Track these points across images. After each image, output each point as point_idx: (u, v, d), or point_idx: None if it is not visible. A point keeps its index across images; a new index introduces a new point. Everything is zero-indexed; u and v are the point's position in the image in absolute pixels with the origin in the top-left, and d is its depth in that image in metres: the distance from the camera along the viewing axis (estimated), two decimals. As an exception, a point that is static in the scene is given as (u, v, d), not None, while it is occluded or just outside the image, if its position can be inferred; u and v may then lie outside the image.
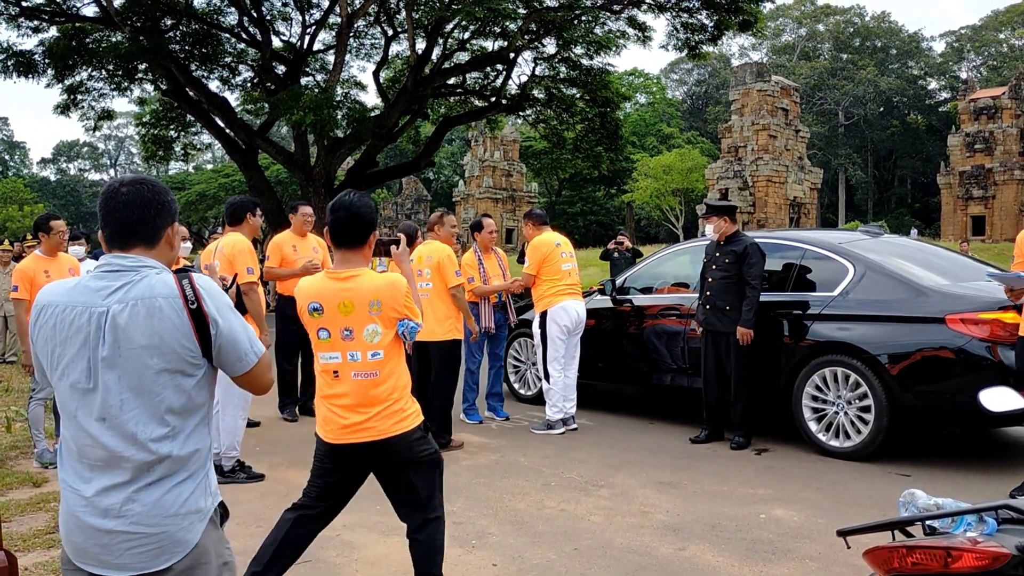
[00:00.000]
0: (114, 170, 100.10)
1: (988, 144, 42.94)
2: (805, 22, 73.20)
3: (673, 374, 7.55)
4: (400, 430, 3.35)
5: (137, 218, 2.14)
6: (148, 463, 2.07)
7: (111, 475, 2.07)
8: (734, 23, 21.02)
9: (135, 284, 2.08)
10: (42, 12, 21.58)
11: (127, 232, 2.14)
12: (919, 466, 6.07)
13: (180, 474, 2.11)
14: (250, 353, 2.19)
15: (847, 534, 2.28)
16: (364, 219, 3.35)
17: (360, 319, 3.28)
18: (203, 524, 2.13)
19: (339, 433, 3.35)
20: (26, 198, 59.91)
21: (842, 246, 6.80)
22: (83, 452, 2.10)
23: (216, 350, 2.14)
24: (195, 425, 2.14)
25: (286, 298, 7.93)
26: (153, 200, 2.16)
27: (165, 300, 2.07)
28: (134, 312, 2.05)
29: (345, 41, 22.48)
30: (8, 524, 4.98)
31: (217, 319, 2.12)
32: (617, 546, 4.56)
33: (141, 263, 2.13)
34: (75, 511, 2.10)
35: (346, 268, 3.33)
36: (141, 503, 2.06)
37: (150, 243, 2.17)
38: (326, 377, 3.39)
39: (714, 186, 39.24)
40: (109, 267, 2.12)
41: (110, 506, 2.06)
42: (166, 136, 26.25)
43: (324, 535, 4.72)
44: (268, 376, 2.28)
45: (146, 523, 2.06)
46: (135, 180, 2.18)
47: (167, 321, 2.06)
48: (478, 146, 48.34)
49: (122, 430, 2.06)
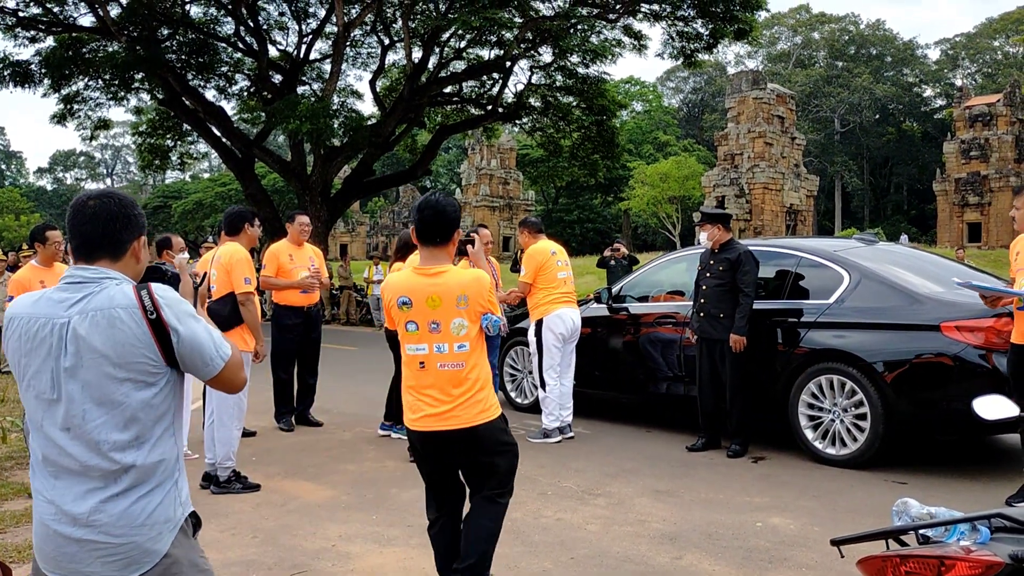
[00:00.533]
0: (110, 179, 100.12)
1: (984, 151, 43.09)
2: (800, 30, 73.43)
3: (669, 382, 7.55)
4: (485, 419, 3.52)
5: (103, 231, 2.17)
6: (114, 472, 2.10)
7: (78, 484, 2.10)
8: (729, 32, 21.10)
9: (95, 295, 2.11)
10: (39, 22, 21.63)
11: (92, 245, 2.18)
12: (915, 474, 6.07)
13: (147, 484, 2.13)
14: (216, 358, 2.21)
15: (841, 543, 2.28)
16: (449, 217, 3.53)
17: (447, 313, 3.47)
18: (173, 534, 2.15)
19: (427, 421, 3.52)
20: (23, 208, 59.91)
21: (837, 254, 6.81)
22: (51, 462, 2.13)
23: (180, 358, 2.16)
24: (160, 435, 2.16)
25: (282, 307, 7.94)
26: (120, 213, 2.20)
27: (124, 311, 2.10)
28: (94, 323, 2.08)
29: (342, 50, 22.53)
30: (3, 535, 4.98)
31: (177, 327, 2.14)
32: (614, 555, 4.55)
33: (103, 275, 2.16)
34: (45, 520, 2.13)
35: (433, 265, 3.51)
36: (108, 513, 2.09)
37: (115, 256, 2.20)
38: (412, 367, 3.56)
39: (710, 193, 39.33)
40: (72, 279, 2.16)
41: (78, 515, 2.09)
42: (163, 145, 26.29)
43: (320, 546, 4.73)
44: (240, 376, 2.30)
45: (114, 533, 2.08)
46: (103, 194, 2.22)
47: (127, 331, 2.09)
48: (475, 154, 48.44)
49: (86, 439, 2.09)
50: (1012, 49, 67.13)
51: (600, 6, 21.86)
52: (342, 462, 6.69)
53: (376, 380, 10.45)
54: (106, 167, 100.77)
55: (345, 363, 12.62)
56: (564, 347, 7.38)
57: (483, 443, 3.54)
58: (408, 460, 6.65)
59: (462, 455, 3.59)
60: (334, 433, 7.78)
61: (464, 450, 3.56)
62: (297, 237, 7.94)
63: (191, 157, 28.79)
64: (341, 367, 11.83)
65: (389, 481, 6.09)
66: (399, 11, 22.26)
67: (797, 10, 73.95)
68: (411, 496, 5.68)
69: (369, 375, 11.09)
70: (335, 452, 7.01)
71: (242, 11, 22.51)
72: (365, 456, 6.88)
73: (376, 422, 7.84)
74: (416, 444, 3.66)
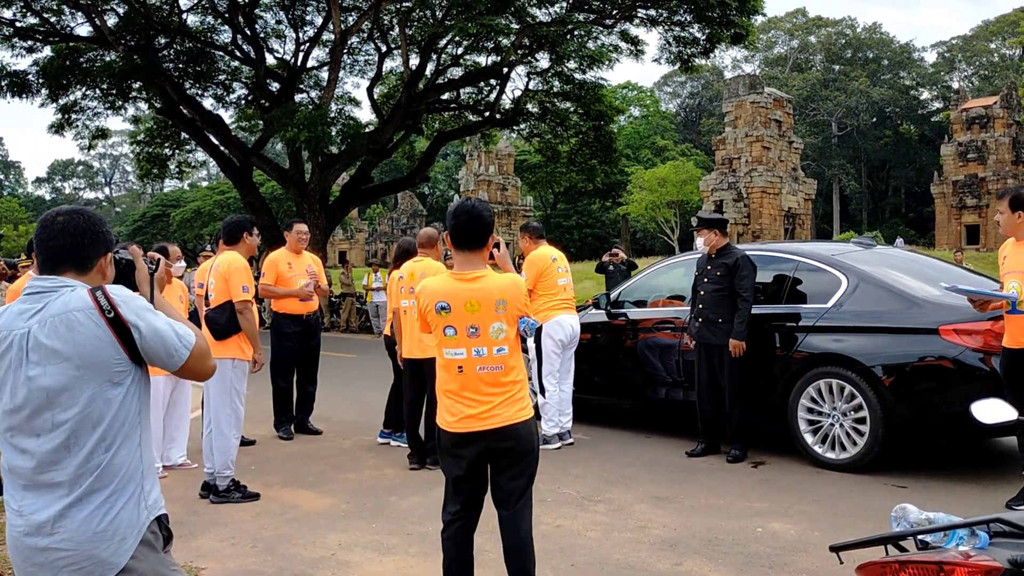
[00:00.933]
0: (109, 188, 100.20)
1: (981, 153, 43.13)
2: (797, 34, 73.59)
3: (668, 388, 7.54)
4: (522, 418, 3.54)
5: (70, 245, 2.21)
6: (78, 476, 2.12)
7: (44, 492, 2.12)
8: (726, 36, 21.16)
9: (53, 302, 2.14)
10: (36, 32, 21.66)
11: (58, 258, 2.21)
12: (915, 477, 6.07)
13: (109, 487, 2.14)
14: (180, 348, 2.22)
15: (840, 549, 2.28)
16: (485, 222, 3.54)
17: (487, 317, 3.49)
18: (136, 540, 2.15)
19: (467, 422, 3.50)
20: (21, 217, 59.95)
21: (835, 258, 6.81)
22: (18, 472, 2.15)
23: (144, 353, 2.18)
24: (125, 436, 2.18)
25: (281, 316, 7.93)
26: (88, 230, 2.23)
27: (81, 313, 2.12)
28: (53, 328, 2.11)
29: (339, 58, 22.55)
30: (4, 547, 4.96)
31: (137, 323, 2.16)
32: (614, 562, 4.54)
33: (60, 283, 2.19)
34: (14, 532, 2.15)
35: (469, 270, 3.52)
36: (72, 519, 2.10)
37: (81, 270, 2.23)
38: (450, 371, 3.55)
39: (709, 198, 39.36)
40: (32, 290, 2.19)
41: (43, 523, 2.11)
42: (161, 154, 26.33)
43: (319, 554, 4.72)
44: (208, 363, 2.32)
45: (77, 539, 2.10)
46: (72, 210, 2.26)
47: (87, 332, 2.11)
48: (473, 160, 48.47)
49: (52, 445, 2.11)
50: (1008, 51, 67.29)
51: (597, 12, 21.93)
52: (341, 470, 6.68)
53: (375, 388, 10.44)
54: (104, 176, 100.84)
55: (344, 371, 12.61)
56: (563, 353, 7.38)
57: (520, 442, 3.54)
58: (409, 468, 6.64)
59: (500, 454, 3.56)
60: (333, 441, 7.77)
61: (503, 449, 3.54)
62: (295, 245, 7.94)
63: (189, 166, 28.83)
64: (340, 375, 11.82)
65: (388, 489, 6.08)
66: (396, 18, 22.32)
67: (793, 14, 74.14)
68: (410, 504, 5.68)
69: (368, 383, 11.08)
70: (334, 460, 7.00)
71: (239, 19, 22.55)
72: (364, 464, 6.87)
73: (375, 430, 7.83)
74: (450, 446, 3.60)
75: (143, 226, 61.52)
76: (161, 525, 2.25)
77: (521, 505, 3.61)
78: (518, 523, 3.61)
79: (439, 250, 7.08)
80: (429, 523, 5.24)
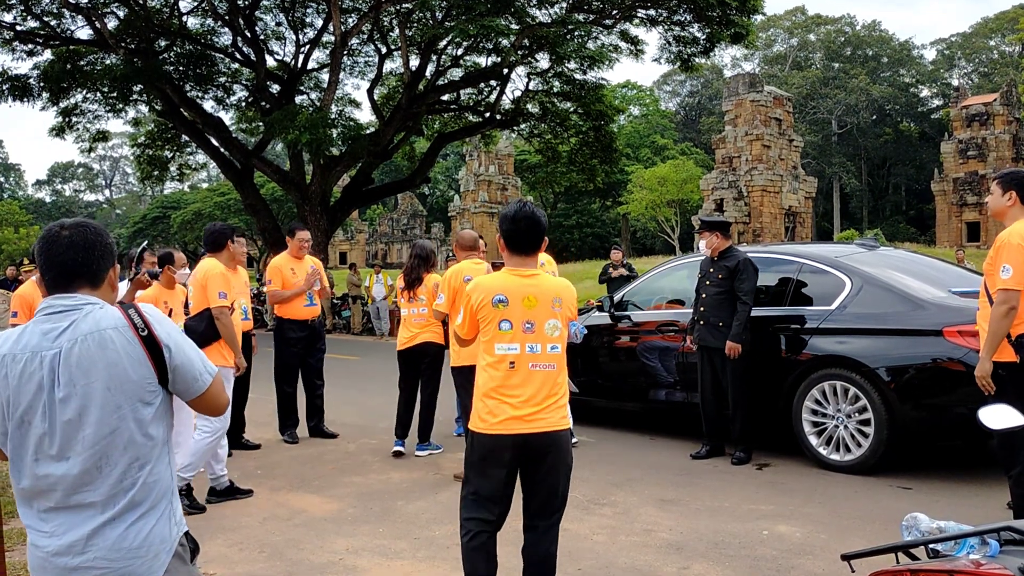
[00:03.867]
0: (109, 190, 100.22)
1: (981, 150, 43.13)
2: (796, 32, 73.54)
3: (671, 390, 7.56)
4: (566, 425, 3.54)
5: (81, 260, 2.16)
6: (112, 496, 2.09)
7: (75, 513, 2.09)
8: (726, 36, 21.15)
9: (81, 320, 2.10)
10: (36, 35, 21.67)
11: (71, 274, 2.15)
12: (920, 479, 6.08)
13: (142, 506, 2.12)
14: (204, 374, 2.22)
15: (851, 558, 2.28)
16: (543, 227, 3.59)
17: (543, 313, 3.50)
18: (168, 556, 2.15)
19: (510, 423, 3.43)
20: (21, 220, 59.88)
21: (839, 260, 6.82)
22: (45, 494, 2.11)
23: (171, 374, 2.16)
24: (157, 456, 2.16)
25: (286, 320, 7.95)
26: (96, 242, 2.19)
27: (114, 331, 2.09)
28: (84, 347, 2.06)
29: (339, 59, 22.56)
30: (11, 553, 4.97)
31: (168, 343, 2.14)
32: (621, 566, 4.55)
33: (84, 301, 2.14)
34: (41, 553, 2.11)
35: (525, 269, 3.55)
36: (105, 537, 2.08)
37: (94, 284, 2.19)
38: (501, 369, 3.48)
39: (709, 197, 39.35)
40: (52, 309, 2.13)
41: (74, 543, 2.08)
42: (161, 156, 26.34)
43: (327, 559, 4.74)
44: (223, 397, 2.31)
45: (110, 557, 2.08)
46: (76, 223, 2.21)
47: (120, 351, 2.08)
48: (473, 161, 48.49)
49: (84, 466, 2.07)
50: (1008, 48, 67.19)
51: (597, 12, 21.93)
52: (347, 474, 6.69)
53: (380, 391, 10.47)
54: (104, 178, 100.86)
55: (348, 373, 12.62)
56: None
57: (560, 449, 3.49)
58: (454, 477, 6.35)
59: (537, 462, 3.49)
60: (339, 445, 7.79)
61: (542, 456, 3.47)
62: (297, 252, 7.95)
63: (190, 168, 28.84)
64: (344, 377, 11.83)
65: (394, 493, 6.09)
66: (396, 20, 22.32)
67: (793, 12, 74.07)
68: (416, 508, 5.69)
69: (372, 385, 11.11)
70: (340, 464, 7.02)
71: (239, 22, 22.57)
72: (370, 468, 6.89)
73: (380, 433, 7.85)
74: (490, 448, 3.49)
75: (143, 228, 61.52)
76: (188, 538, 2.26)
77: (558, 519, 3.62)
78: (554, 537, 3.64)
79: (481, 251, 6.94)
80: (436, 527, 5.26)
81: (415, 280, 7.22)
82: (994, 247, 4.60)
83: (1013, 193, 4.69)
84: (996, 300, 4.44)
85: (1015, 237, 4.47)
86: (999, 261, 4.47)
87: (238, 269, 7.52)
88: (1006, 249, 4.46)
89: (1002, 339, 4.47)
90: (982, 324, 4.68)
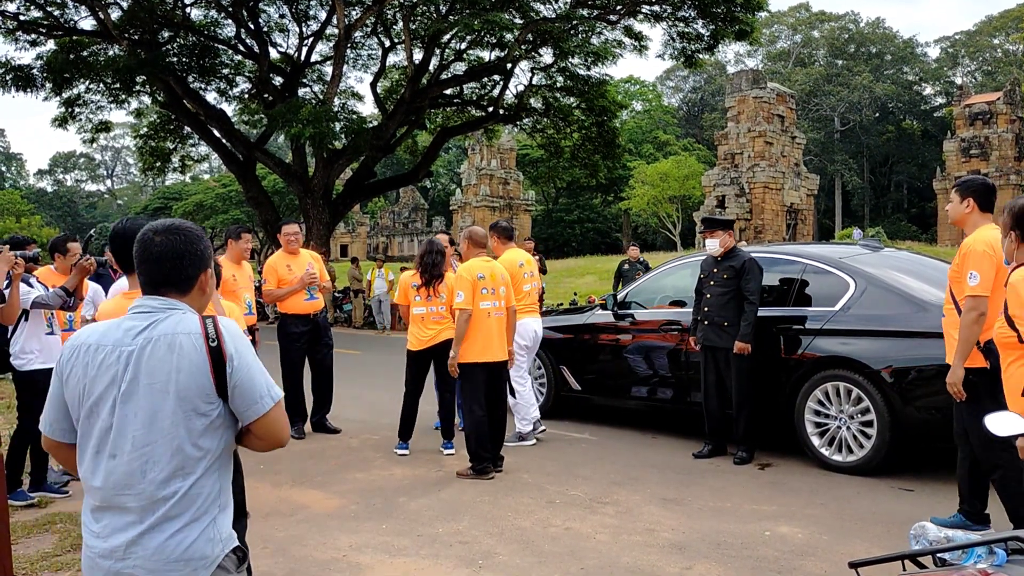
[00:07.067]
0: (110, 181, 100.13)
1: (984, 149, 43.06)
2: (800, 29, 73.38)
3: (673, 389, 7.56)
4: None
5: (170, 269, 2.20)
6: (152, 503, 2.09)
7: (116, 515, 2.11)
8: (730, 32, 21.13)
9: (161, 323, 2.14)
10: (39, 26, 21.64)
11: (160, 282, 2.21)
12: (922, 480, 6.09)
13: (183, 518, 2.11)
14: (266, 396, 2.18)
15: (859, 565, 2.30)
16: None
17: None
18: (208, 574, 2.13)
19: None
20: (23, 210, 59.82)
21: (843, 261, 6.82)
22: (93, 491, 2.14)
23: (231, 389, 2.14)
24: (204, 469, 2.14)
25: (288, 316, 7.95)
26: (186, 251, 2.22)
27: (186, 336, 2.12)
28: (155, 347, 2.10)
29: (343, 53, 22.53)
30: (15, 547, 4.98)
31: (234, 355, 2.14)
32: (624, 565, 4.57)
33: (171, 305, 2.19)
34: (91, 552, 2.14)
35: None
36: (144, 547, 2.08)
37: (183, 290, 2.23)
38: None
39: (711, 193, 39.31)
40: (141, 308, 2.19)
41: (116, 547, 2.09)
42: (164, 148, 26.32)
43: (330, 556, 4.75)
44: (285, 429, 2.26)
45: (148, 567, 2.08)
46: (168, 229, 2.23)
47: (185, 357, 2.10)
48: (475, 155, 48.40)
49: (128, 467, 2.09)
50: (1012, 47, 67.08)
51: (601, 7, 21.88)
52: (350, 470, 6.70)
53: (382, 386, 10.48)
54: (106, 168, 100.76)
55: (350, 368, 12.61)
56: (528, 355, 7.65)
57: None
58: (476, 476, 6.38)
59: None
60: (341, 440, 7.80)
61: None
62: (287, 247, 7.92)
63: (192, 159, 28.82)
64: (346, 372, 11.79)
65: (397, 490, 6.11)
66: (400, 13, 22.29)
67: (797, 8, 73.90)
68: (419, 505, 5.70)
69: (374, 380, 11.12)
70: (343, 460, 7.03)
71: (243, 14, 22.53)
72: (372, 464, 6.90)
73: (383, 429, 7.86)
74: None
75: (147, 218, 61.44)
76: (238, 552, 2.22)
77: None
78: None
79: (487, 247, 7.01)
80: (439, 524, 5.27)
81: (437, 277, 7.04)
82: (959, 255, 4.67)
83: (971, 200, 4.77)
84: (965, 307, 4.52)
85: (979, 244, 4.54)
86: (966, 268, 4.55)
87: (243, 264, 7.54)
88: (972, 256, 4.54)
89: (972, 345, 4.55)
90: (948, 331, 4.78)
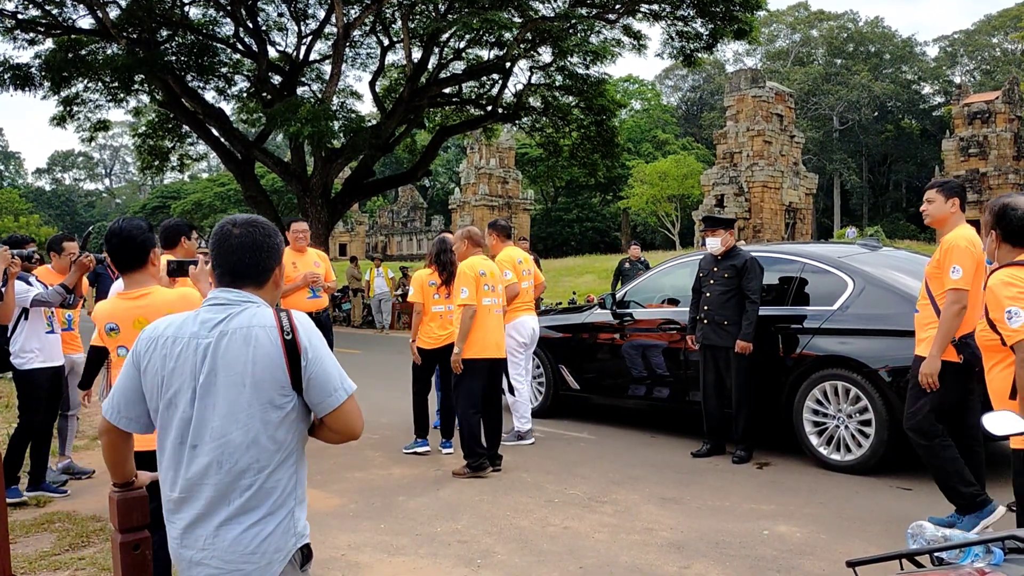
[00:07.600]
0: (109, 179, 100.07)
1: (982, 148, 43.07)
2: (799, 28, 73.37)
3: (671, 387, 7.57)
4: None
5: (248, 261, 2.24)
6: (226, 494, 2.12)
7: (196, 506, 2.13)
8: (729, 31, 21.12)
9: (236, 316, 2.17)
10: (38, 24, 21.61)
11: (238, 274, 2.24)
12: (920, 479, 6.09)
13: (260, 510, 2.13)
14: (340, 389, 2.20)
15: (856, 564, 2.30)
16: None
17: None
18: (278, 570, 2.15)
19: None
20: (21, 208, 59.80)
21: (841, 260, 6.83)
22: (173, 483, 2.17)
23: (306, 382, 2.16)
24: (279, 462, 2.16)
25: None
26: (264, 244, 2.26)
27: (262, 329, 2.14)
28: (232, 340, 2.13)
29: (341, 51, 22.53)
30: (13, 545, 4.98)
31: (308, 348, 2.16)
32: (622, 564, 4.57)
33: (246, 298, 2.22)
34: (173, 543, 2.19)
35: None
36: (222, 539, 2.11)
37: (259, 283, 2.26)
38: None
39: (710, 192, 39.32)
40: (217, 301, 2.22)
41: (195, 539, 2.13)
42: (162, 146, 26.30)
43: (329, 555, 4.75)
44: (359, 420, 2.27)
45: (224, 558, 2.11)
46: (247, 222, 2.27)
47: (261, 349, 2.12)
48: (474, 154, 48.38)
49: (205, 459, 2.12)
50: (1011, 46, 67.10)
51: (600, 6, 21.88)
52: (348, 469, 6.71)
53: (381, 385, 10.49)
54: (104, 167, 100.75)
55: (349, 367, 12.54)
56: (526, 353, 7.65)
57: None
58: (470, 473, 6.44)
59: None
60: (339, 439, 7.79)
61: None
62: (294, 244, 7.91)
63: (190, 158, 28.81)
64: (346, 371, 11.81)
65: (396, 489, 6.11)
66: (398, 12, 22.28)
67: (796, 7, 73.90)
68: (418, 504, 5.71)
69: (373, 379, 11.11)
70: (341, 459, 7.03)
71: (241, 12, 22.51)
72: (371, 463, 6.91)
73: (380, 428, 7.86)
74: None
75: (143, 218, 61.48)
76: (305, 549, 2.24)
77: None
78: None
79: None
80: (437, 524, 5.28)
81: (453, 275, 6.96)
82: (941, 251, 4.88)
83: (956, 200, 5.00)
84: (948, 300, 4.75)
85: (962, 240, 4.76)
86: (948, 263, 4.75)
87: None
88: (955, 251, 4.75)
89: (951, 337, 4.78)
90: (921, 324, 5.03)
